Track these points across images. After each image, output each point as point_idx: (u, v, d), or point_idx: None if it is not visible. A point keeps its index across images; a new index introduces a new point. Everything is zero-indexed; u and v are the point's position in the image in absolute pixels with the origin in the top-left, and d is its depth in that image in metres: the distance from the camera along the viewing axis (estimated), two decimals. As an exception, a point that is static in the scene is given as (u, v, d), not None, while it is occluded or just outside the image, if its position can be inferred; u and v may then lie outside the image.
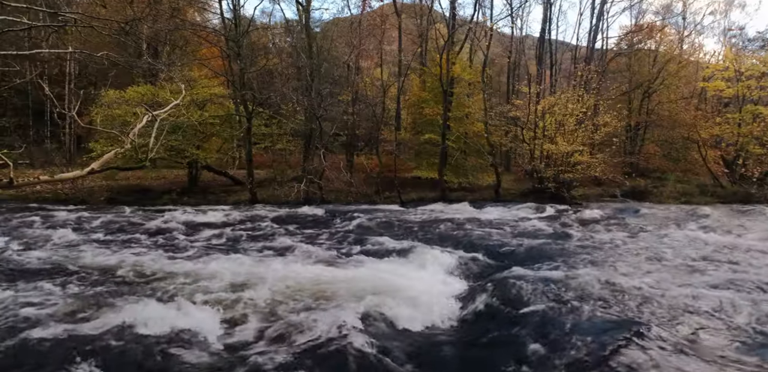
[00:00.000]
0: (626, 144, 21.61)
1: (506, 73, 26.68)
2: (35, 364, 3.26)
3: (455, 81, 18.44)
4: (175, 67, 15.36)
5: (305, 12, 19.23)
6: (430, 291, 4.89)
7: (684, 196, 17.19)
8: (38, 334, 3.61)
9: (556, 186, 15.87)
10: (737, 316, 4.07)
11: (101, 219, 10.44)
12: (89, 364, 3.22)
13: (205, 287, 4.99)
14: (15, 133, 19.94)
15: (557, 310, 4.09)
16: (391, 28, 24.08)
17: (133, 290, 4.96)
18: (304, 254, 6.91)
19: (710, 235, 8.49)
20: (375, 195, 16.39)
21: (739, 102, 18.59)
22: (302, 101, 16.53)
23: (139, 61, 15.21)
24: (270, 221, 10.62)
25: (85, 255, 6.61)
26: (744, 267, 5.93)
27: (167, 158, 15.66)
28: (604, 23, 23.44)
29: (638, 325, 3.71)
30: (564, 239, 8.15)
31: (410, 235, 8.66)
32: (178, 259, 6.37)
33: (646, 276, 5.44)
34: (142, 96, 14.51)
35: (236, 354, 3.50)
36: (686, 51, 24.91)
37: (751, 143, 17.72)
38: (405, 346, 3.66)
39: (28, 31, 15.79)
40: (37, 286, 5.02)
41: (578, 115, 15.89)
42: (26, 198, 14.76)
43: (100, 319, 3.95)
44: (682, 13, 26.10)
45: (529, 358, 3.36)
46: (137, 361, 3.32)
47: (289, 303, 4.51)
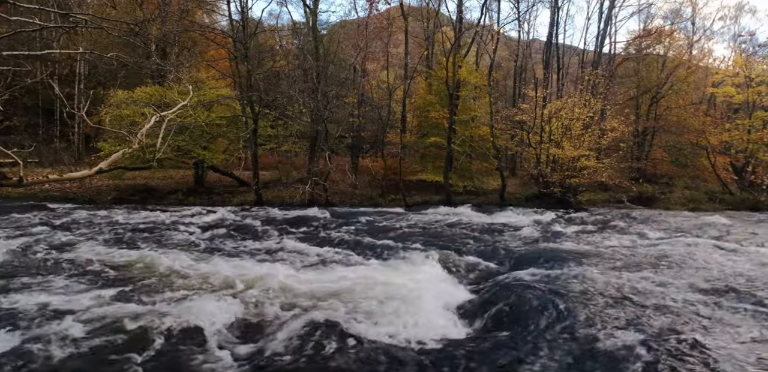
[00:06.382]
0: (633, 149, 21.43)
1: (513, 76, 26.63)
2: (37, 363, 3.26)
3: (461, 84, 18.43)
4: (183, 68, 15.49)
5: (312, 14, 19.34)
6: (434, 294, 4.86)
7: (692, 203, 17.02)
8: (38, 333, 3.62)
9: (562, 191, 15.76)
10: (739, 322, 4.01)
11: (107, 218, 10.51)
12: (88, 363, 3.22)
13: (205, 287, 4.99)
14: (25, 132, 20.19)
15: (559, 314, 4.05)
16: (398, 31, 24.14)
17: (133, 289, 4.97)
18: (308, 256, 6.90)
19: (716, 242, 8.37)
20: (380, 197, 16.38)
21: (749, 108, 18.42)
22: (308, 103, 16.57)
23: (147, 62, 15.36)
24: (275, 223, 10.63)
25: (89, 253, 6.65)
26: (752, 275, 5.83)
27: (174, 158, 15.77)
28: (612, 28, 23.37)
29: (640, 328, 3.66)
30: (569, 245, 8.07)
31: (414, 239, 8.63)
32: (181, 258, 6.38)
33: (650, 281, 5.37)
34: (150, 96, 14.64)
35: (236, 355, 3.49)
36: (695, 56, 24.74)
37: (761, 150, 17.54)
38: (407, 349, 3.63)
39: (39, 31, 16.02)
40: (42, 283, 5.05)
41: (585, 119, 15.79)
42: (35, 196, 14.91)
43: (99, 317, 3.96)
44: (692, 18, 25.98)
45: (533, 362, 3.32)
46: (136, 360, 3.31)
47: (289, 305, 4.49)
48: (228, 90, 17.44)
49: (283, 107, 17.77)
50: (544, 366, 3.28)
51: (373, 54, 22.82)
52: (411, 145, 20.43)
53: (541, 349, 3.49)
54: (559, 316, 4.07)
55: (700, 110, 21.32)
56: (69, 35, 17.14)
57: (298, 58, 21.42)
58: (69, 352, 3.37)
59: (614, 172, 16.58)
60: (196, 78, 16.04)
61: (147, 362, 3.28)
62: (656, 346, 3.42)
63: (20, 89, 14.28)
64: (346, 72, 22.64)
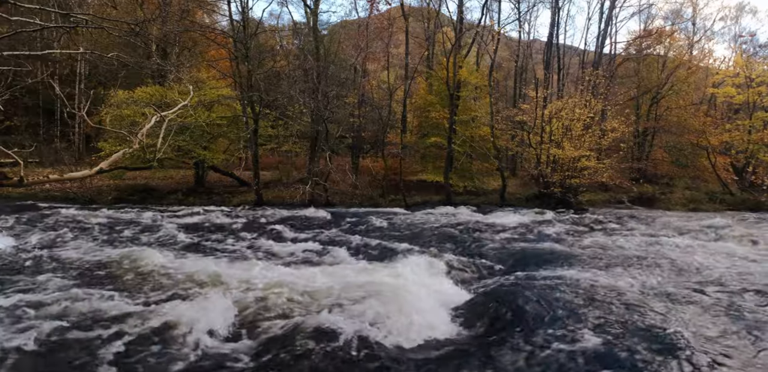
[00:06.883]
0: (634, 150, 21.43)
1: (513, 77, 26.64)
2: (36, 364, 3.26)
3: (462, 84, 18.43)
4: (183, 68, 15.51)
5: (313, 15, 19.36)
6: (433, 295, 4.86)
7: (692, 203, 17.02)
8: (37, 332, 3.61)
9: (563, 191, 15.76)
10: (734, 319, 4.00)
11: (107, 218, 10.51)
12: (86, 362, 3.22)
13: (201, 287, 4.98)
14: (26, 132, 20.22)
15: (558, 315, 4.05)
16: (398, 32, 24.15)
17: (123, 288, 4.97)
18: (308, 256, 6.90)
19: (714, 242, 8.36)
20: (380, 198, 16.38)
21: (750, 108, 18.42)
22: (309, 103, 16.59)
23: (148, 62, 15.37)
24: (275, 223, 10.63)
25: (89, 253, 6.64)
26: (747, 276, 5.83)
27: (174, 158, 15.79)
28: (613, 28, 23.37)
29: (640, 329, 3.65)
30: (568, 245, 8.07)
31: (415, 239, 8.62)
32: (177, 258, 6.38)
33: (650, 282, 5.37)
34: (151, 96, 14.66)
35: (236, 355, 3.48)
36: (696, 57, 24.75)
37: (761, 150, 17.54)
38: (406, 351, 3.62)
39: (40, 31, 16.03)
40: (41, 283, 5.05)
41: (585, 120, 15.79)
42: (35, 196, 14.91)
43: (84, 315, 3.95)
44: (692, 18, 25.99)
45: (532, 363, 3.31)
46: (136, 359, 3.31)
47: (288, 306, 4.49)
48: (228, 90, 17.45)
49: (283, 107, 17.78)
50: (543, 367, 3.28)
51: (373, 54, 22.83)
52: (411, 145, 20.44)
53: (540, 350, 3.49)
54: (558, 317, 4.07)
55: (700, 111, 21.33)
56: (69, 35, 17.14)
57: (298, 59, 21.44)
58: (48, 349, 3.37)
59: (615, 172, 16.59)
60: (197, 78, 16.05)
61: (141, 363, 3.28)
62: (656, 346, 3.41)
63: (21, 89, 14.29)
64: (347, 72, 22.66)
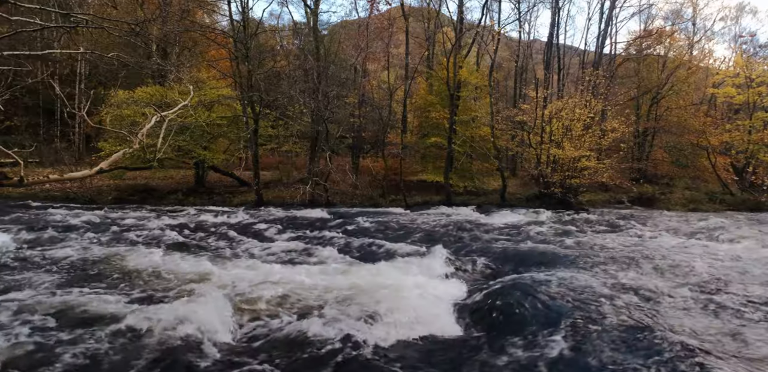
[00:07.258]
0: (634, 150, 21.43)
1: (513, 77, 26.64)
2: (31, 365, 3.26)
3: (462, 85, 18.43)
4: (183, 68, 15.51)
5: (313, 15, 19.37)
6: (433, 295, 4.85)
7: (692, 204, 17.02)
8: (38, 332, 3.61)
9: (563, 191, 15.76)
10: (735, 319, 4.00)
11: (107, 218, 10.50)
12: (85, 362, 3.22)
13: (199, 286, 4.97)
14: (26, 132, 20.23)
15: (558, 315, 4.05)
16: (399, 32, 24.16)
17: (125, 288, 4.96)
18: (308, 256, 6.90)
19: (715, 243, 8.36)
20: (380, 198, 16.38)
21: (750, 109, 18.42)
22: (309, 103, 16.59)
23: (148, 62, 15.37)
24: (275, 223, 10.62)
25: (88, 253, 6.64)
26: (748, 277, 5.83)
27: (174, 158, 15.79)
28: (613, 28, 23.38)
29: (639, 329, 3.65)
30: (569, 245, 8.07)
31: (414, 239, 8.62)
32: (174, 258, 6.38)
33: (650, 283, 5.36)
34: (151, 96, 14.66)
35: (236, 356, 3.48)
36: (696, 57, 24.76)
37: (761, 150, 17.54)
38: (406, 352, 3.62)
39: (40, 31, 16.04)
40: (40, 282, 5.05)
41: (586, 120, 15.79)
42: (35, 196, 14.92)
43: (86, 316, 3.95)
44: (692, 18, 25.99)
45: (531, 363, 3.31)
46: (134, 358, 3.31)
47: (287, 306, 4.48)
48: (229, 90, 17.46)
49: (283, 107, 17.79)
50: (543, 367, 3.28)
51: (373, 54, 22.84)
52: (412, 145, 20.44)
53: (540, 350, 3.49)
54: (558, 317, 4.07)
55: (700, 111, 21.33)
56: (70, 35, 17.15)
57: (298, 59, 21.44)
58: (32, 349, 3.36)
59: (615, 172, 16.59)
60: (197, 78, 16.06)
61: (140, 363, 3.27)
62: (656, 347, 3.41)
63: (21, 89, 14.30)
64: (347, 72, 22.67)
